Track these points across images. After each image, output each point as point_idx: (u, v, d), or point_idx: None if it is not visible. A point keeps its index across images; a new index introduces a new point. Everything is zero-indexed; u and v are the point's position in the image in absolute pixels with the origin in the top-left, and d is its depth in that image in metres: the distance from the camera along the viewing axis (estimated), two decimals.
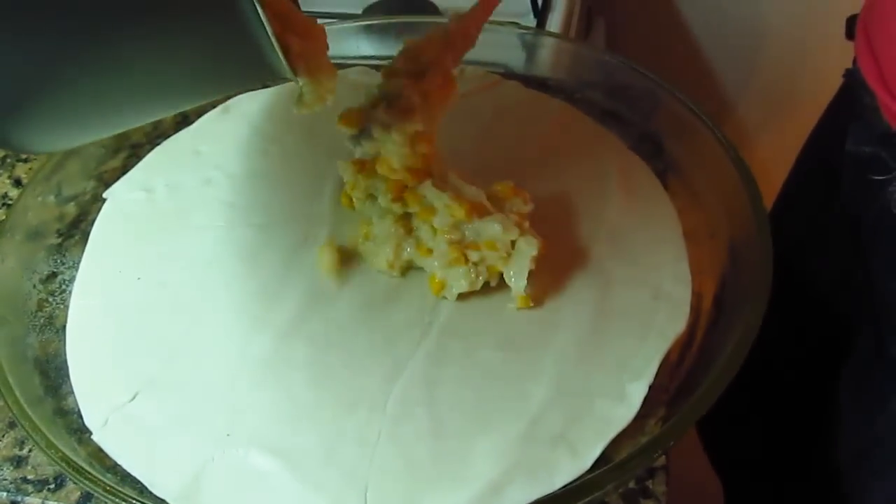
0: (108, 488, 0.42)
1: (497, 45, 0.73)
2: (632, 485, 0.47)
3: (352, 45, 0.75)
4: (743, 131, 1.48)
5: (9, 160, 0.69)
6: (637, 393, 0.47)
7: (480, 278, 0.53)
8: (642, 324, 0.51)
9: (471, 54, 0.73)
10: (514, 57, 0.73)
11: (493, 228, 0.51)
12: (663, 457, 0.47)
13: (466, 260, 0.52)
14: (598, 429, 0.46)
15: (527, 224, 0.53)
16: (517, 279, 0.51)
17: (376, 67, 0.73)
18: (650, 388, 0.48)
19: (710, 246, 0.56)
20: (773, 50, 1.40)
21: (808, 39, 1.35)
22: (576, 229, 0.57)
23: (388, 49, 0.75)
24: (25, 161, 0.69)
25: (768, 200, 0.89)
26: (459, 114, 0.67)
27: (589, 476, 0.43)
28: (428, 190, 0.53)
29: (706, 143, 0.60)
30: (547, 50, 0.73)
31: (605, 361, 0.49)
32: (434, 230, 0.53)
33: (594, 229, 0.57)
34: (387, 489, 0.44)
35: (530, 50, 0.73)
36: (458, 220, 0.52)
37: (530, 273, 0.51)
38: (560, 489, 0.43)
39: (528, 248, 0.52)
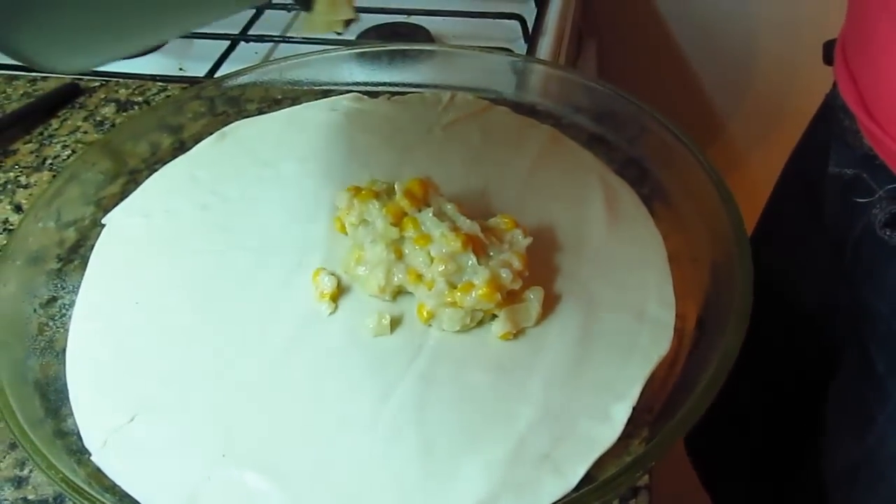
0: None
1: (487, 72, 0.76)
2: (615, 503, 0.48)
3: (345, 71, 0.77)
4: (733, 151, 1.50)
5: (9, 186, 0.71)
6: (621, 414, 0.49)
7: (473, 322, 0.54)
8: (627, 346, 0.53)
9: (462, 80, 0.76)
10: (503, 83, 0.75)
11: (491, 275, 0.53)
12: (646, 476, 0.48)
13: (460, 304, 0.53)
14: (582, 449, 0.47)
15: (526, 272, 0.54)
16: (510, 324, 0.53)
17: (369, 94, 0.75)
18: (634, 408, 0.49)
19: (694, 269, 0.58)
20: (762, 69, 1.42)
21: (796, 59, 1.37)
22: (562, 253, 0.59)
23: (380, 76, 0.77)
24: (25, 187, 0.71)
25: (756, 220, 0.91)
26: (449, 140, 0.69)
27: (573, 495, 0.45)
28: (427, 218, 0.55)
29: (689, 167, 0.61)
30: (536, 76, 0.75)
31: (590, 383, 0.51)
32: (430, 258, 0.54)
33: (580, 253, 0.59)
34: None
35: (519, 76, 0.75)
36: (453, 251, 0.54)
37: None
38: None
39: (535, 299, 0.54)
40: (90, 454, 0.49)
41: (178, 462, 0.48)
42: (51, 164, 0.73)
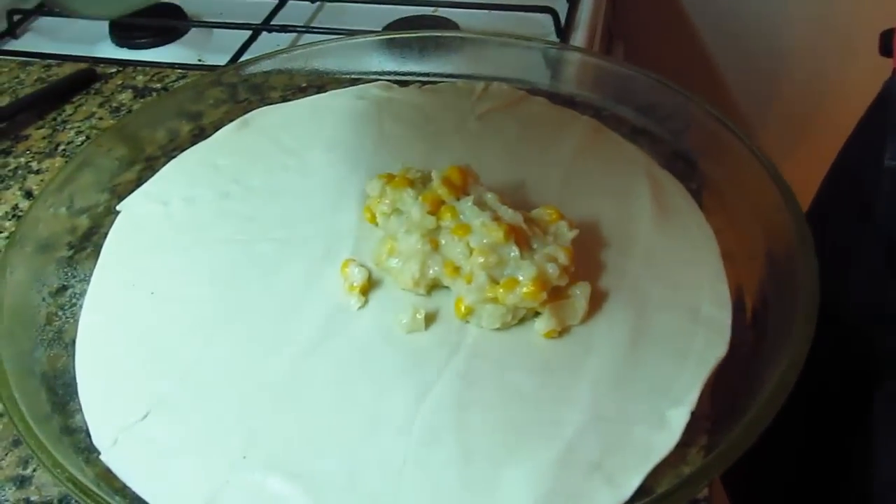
0: None
1: (522, 62, 0.72)
2: None
3: (373, 60, 0.73)
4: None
5: (20, 171, 0.67)
6: (678, 420, 0.45)
7: (514, 320, 0.50)
8: (681, 348, 0.49)
9: (495, 71, 0.72)
10: (539, 73, 0.71)
11: (537, 271, 0.49)
12: (706, 488, 0.44)
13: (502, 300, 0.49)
14: (637, 457, 0.43)
15: (573, 267, 0.51)
16: (555, 321, 0.49)
17: (398, 83, 0.71)
18: (691, 415, 0.45)
19: (749, 266, 0.54)
20: (794, 74, 1.38)
21: (828, 62, 1.33)
22: (607, 248, 0.55)
23: (409, 65, 0.73)
24: (37, 173, 0.67)
25: None
26: (484, 130, 0.65)
27: None
28: (468, 207, 0.51)
29: (743, 160, 0.58)
30: (573, 65, 0.71)
31: (642, 387, 0.47)
32: (469, 249, 0.50)
33: (627, 249, 0.55)
34: None
35: (556, 65, 0.71)
36: (495, 242, 0.50)
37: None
38: None
39: (581, 295, 0.50)
40: (99, 453, 0.45)
41: (194, 464, 0.44)
42: (63, 149, 0.70)
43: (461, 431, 0.45)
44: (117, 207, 0.60)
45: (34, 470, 0.47)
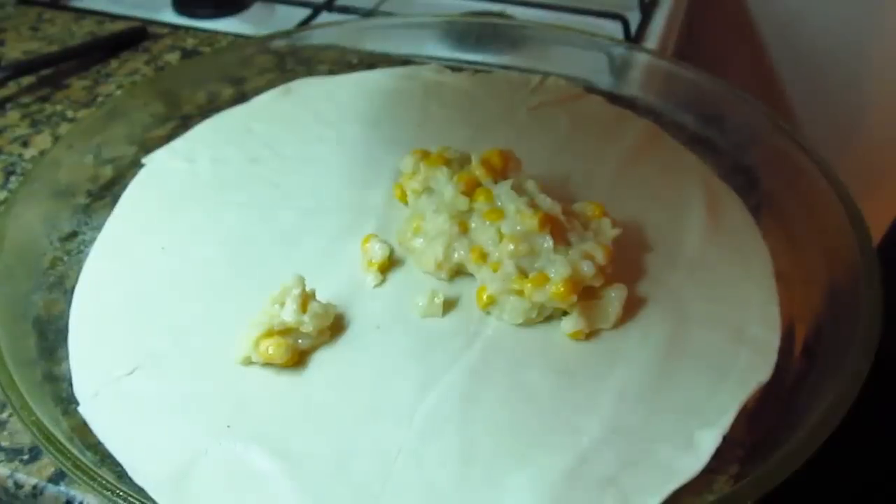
0: (78, 464, 0.36)
1: (583, 59, 0.68)
2: None
3: (428, 44, 0.71)
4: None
5: (54, 118, 0.65)
6: (707, 442, 0.40)
7: (539, 317, 0.46)
8: (719, 367, 0.44)
9: (554, 67, 0.68)
10: (601, 72, 0.67)
11: (571, 271, 0.45)
12: None
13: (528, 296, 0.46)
14: (657, 477, 0.39)
15: (610, 268, 0.47)
16: (583, 322, 0.45)
17: (452, 69, 0.68)
18: (724, 439, 0.40)
19: (805, 291, 0.49)
20: (872, 123, 1.31)
21: None
22: (651, 254, 0.51)
23: (464, 52, 0.70)
24: (71, 121, 0.65)
25: None
26: (533, 122, 0.61)
27: None
28: (504, 191, 0.48)
29: (810, 179, 0.53)
30: (638, 67, 0.67)
31: (671, 404, 0.42)
32: (500, 235, 0.47)
33: (673, 258, 0.50)
34: None
35: (620, 66, 0.67)
36: (528, 229, 0.46)
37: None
38: None
39: (616, 298, 0.46)
40: (78, 404, 0.42)
41: (174, 427, 0.41)
42: (101, 102, 0.68)
43: (465, 427, 0.41)
44: (143, 160, 0.58)
45: (10, 415, 0.44)
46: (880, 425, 0.69)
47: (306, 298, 0.44)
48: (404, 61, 0.69)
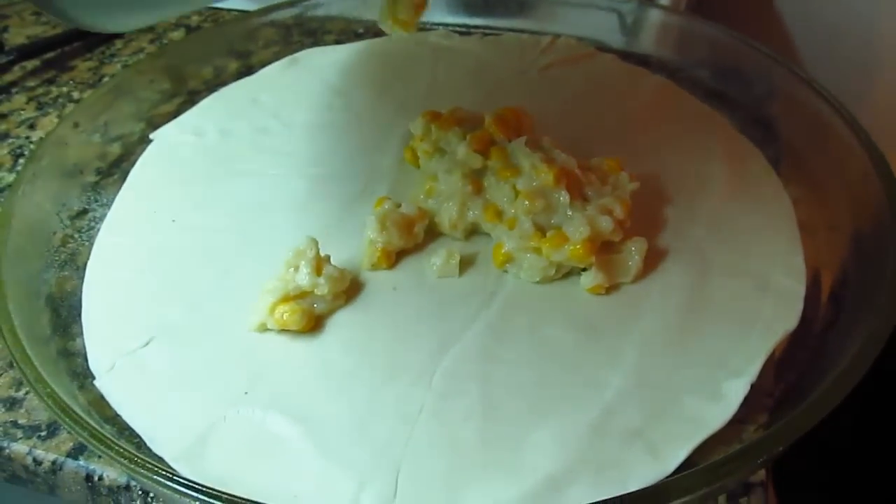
0: (95, 434, 0.36)
1: (594, 20, 0.67)
2: (723, 501, 0.38)
3: (436, 11, 0.69)
4: None
5: (60, 100, 0.65)
6: (735, 392, 0.39)
7: (558, 275, 0.45)
8: (745, 317, 0.43)
9: (564, 28, 0.67)
10: (612, 31, 0.66)
11: (590, 231, 0.44)
12: (763, 471, 0.38)
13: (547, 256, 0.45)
14: (685, 428, 0.38)
15: (629, 222, 0.46)
16: (603, 276, 0.44)
17: (459, 33, 0.67)
18: (751, 388, 0.39)
19: (830, 239, 0.48)
20: (886, 73, 1.29)
21: None
22: (672, 207, 0.49)
23: (472, 18, 0.69)
24: (78, 102, 0.65)
25: None
26: (545, 82, 0.60)
27: (667, 479, 0.35)
28: (519, 147, 0.47)
29: (833, 128, 0.52)
30: (650, 24, 0.66)
31: (697, 354, 0.41)
32: (515, 192, 0.46)
33: (693, 210, 0.49)
34: (423, 473, 0.37)
35: (631, 23, 0.66)
36: (544, 185, 0.45)
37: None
38: (633, 493, 0.35)
39: (636, 251, 0.45)
40: (94, 378, 0.42)
41: (192, 396, 0.40)
42: (107, 81, 0.67)
43: (486, 385, 0.40)
44: (150, 136, 0.57)
45: (27, 392, 0.44)
46: None
47: (320, 262, 0.44)
48: None
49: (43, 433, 0.41)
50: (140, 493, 0.39)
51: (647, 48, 0.64)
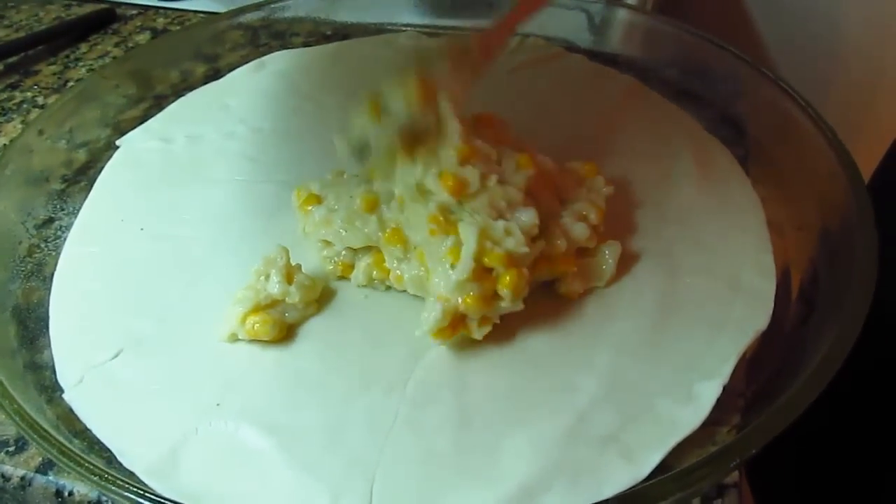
0: (64, 451, 0.35)
1: (562, 19, 0.67)
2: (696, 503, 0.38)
3: (403, 12, 0.69)
4: None
5: (25, 105, 0.64)
6: (708, 394, 0.39)
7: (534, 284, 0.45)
8: (716, 318, 0.43)
9: (532, 27, 0.67)
10: (579, 31, 0.66)
11: (566, 238, 0.44)
12: (736, 472, 0.38)
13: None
14: (658, 432, 0.38)
15: (602, 227, 0.46)
16: (577, 281, 0.44)
17: (426, 33, 0.66)
18: (723, 390, 0.39)
19: (798, 237, 0.48)
20: (850, 70, 1.30)
21: (886, 59, 1.25)
22: (642, 209, 0.50)
23: (440, 18, 0.69)
24: (42, 108, 0.64)
25: None
26: (514, 84, 0.60)
27: (644, 485, 0.35)
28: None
29: (799, 126, 0.52)
30: (617, 23, 0.66)
31: (669, 357, 0.41)
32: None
33: (664, 212, 0.49)
34: (398, 483, 0.36)
35: (599, 23, 0.66)
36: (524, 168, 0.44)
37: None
38: (609, 499, 0.35)
39: (610, 255, 0.45)
40: (63, 391, 0.41)
41: (162, 408, 0.40)
42: (72, 87, 0.66)
43: (460, 392, 0.40)
44: (117, 142, 0.56)
45: None
46: (877, 372, 0.68)
47: (291, 270, 0.43)
48: (379, 30, 0.68)
49: (11, 448, 0.40)
50: None
51: (615, 48, 0.64)
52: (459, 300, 0.40)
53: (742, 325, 0.42)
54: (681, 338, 0.42)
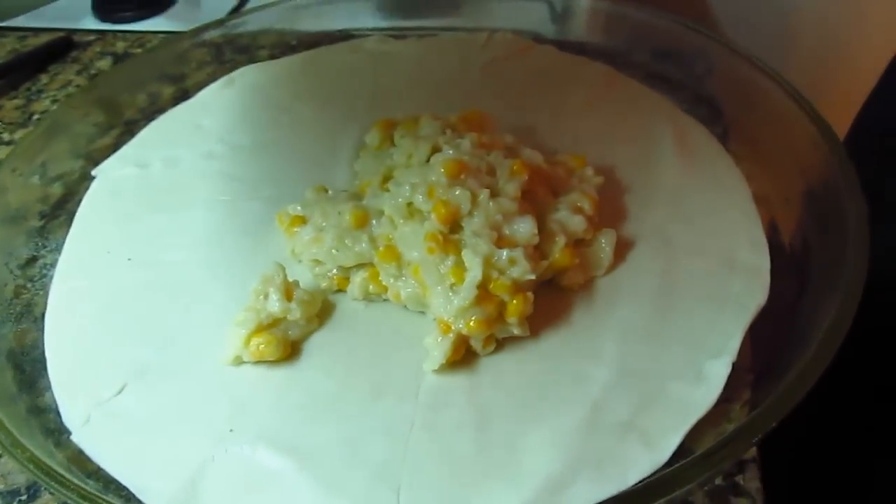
0: (84, 494, 0.35)
1: (524, 12, 0.67)
2: (718, 481, 0.39)
3: (367, 16, 0.69)
4: None
5: None
6: (718, 373, 0.40)
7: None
8: (716, 296, 0.43)
9: (496, 22, 0.67)
10: (544, 23, 0.66)
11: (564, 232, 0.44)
12: (753, 448, 0.39)
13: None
14: (674, 415, 0.38)
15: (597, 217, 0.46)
16: (577, 272, 0.44)
17: (393, 37, 0.66)
18: (731, 367, 0.40)
19: (786, 210, 0.49)
20: (804, 42, 1.32)
21: (840, 29, 1.27)
22: (630, 195, 0.50)
23: (404, 20, 0.69)
24: (9, 144, 0.62)
25: None
26: (489, 80, 0.60)
27: (669, 470, 0.36)
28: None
29: (773, 99, 0.53)
30: (582, 12, 0.66)
31: (675, 338, 0.42)
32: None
33: (651, 196, 0.50)
34: (424, 489, 0.36)
35: (561, 12, 0.66)
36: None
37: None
38: (635, 486, 0.35)
39: (607, 243, 0.45)
40: (70, 433, 0.40)
41: (175, 440, 0.39)
42: (38, 119, 0.65)
43: (473, 394, 0.40)
44: (92, 172, 0.55)
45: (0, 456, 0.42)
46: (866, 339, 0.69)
47: (289, 287, 0.43)
48: (345, 36, 0.67)
49: (23, 497, 0.40)
50: None
51: (580, 36, 0.65)
52: (462, 325, 0.40)
53: (742, 301, 0.43)
54: (684, 319, 0.42)
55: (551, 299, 0.44)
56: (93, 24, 0.82)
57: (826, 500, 0.69)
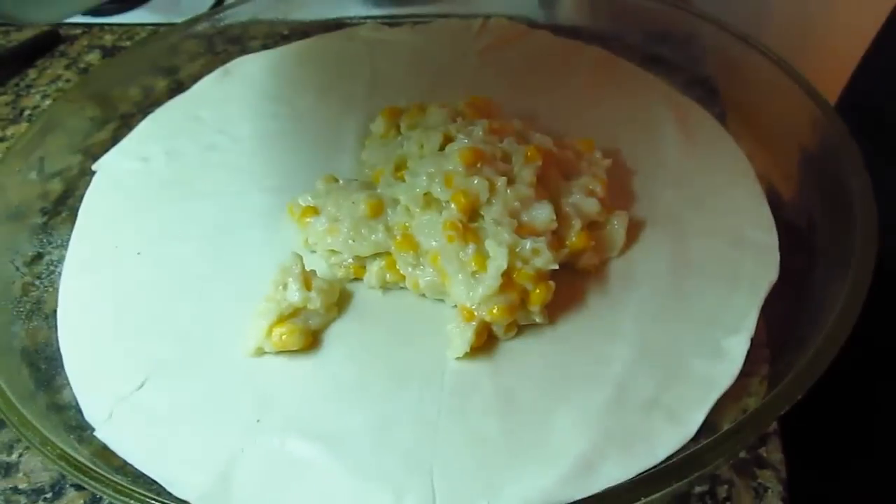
0: (119, 488, 0.34)
1: None
2: (742, 454, 0.39)
3: (359, 4, 0.68)
4: None
5: None
6: (737, 349, 0.40)
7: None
8: (729, 274, 0.44)
9: (485, 7, 0.67)
10: (532, 5, 0.67)
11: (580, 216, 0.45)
12: (775, 422, 0.40)
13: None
14: (696, 391, 0.39)
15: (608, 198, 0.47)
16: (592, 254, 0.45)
17: (388, 24, 0.66)
18: (749, 342, 0.41)
19: (788, 187, 0.50)
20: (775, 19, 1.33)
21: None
22: (637, 177, 0.50)
23: (395, 7, 0.69)
24: (1, 140, 0.61)
25: None
26: (486, 65, 0.60)
27: (698, 445, 0.36)
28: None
29: (772, 78, 0.53)
30: None
31: (692, 316, 0.42)
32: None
33: (657, 177, 0.50)
34: (456, 472, 0.37)
35: None
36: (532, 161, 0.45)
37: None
38: (668, 462, 0.36)
39: (619, 225, 0.46)
40: (93, 429, 0.40)
41: (202, 432, 0.39)
42: (29, 114, 0.64)
43: (497, 377, 0.40)
44: (93, 167, 0.55)
45: (20, 455, 0.42)
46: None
47: (308, 276, 0.43)
48: (337, 24, 0.67)
49: (48, 495, 0.40)
50: None
51: (575, 20, 0.65)
52: (485, 312, 0.40)
53: (754, 278, 0.44)
54: (699, 297, 0.43)
55: (566, 282, 0.44)
56: (76, 16, 0.80)
57: (848, 469, 0.70)
